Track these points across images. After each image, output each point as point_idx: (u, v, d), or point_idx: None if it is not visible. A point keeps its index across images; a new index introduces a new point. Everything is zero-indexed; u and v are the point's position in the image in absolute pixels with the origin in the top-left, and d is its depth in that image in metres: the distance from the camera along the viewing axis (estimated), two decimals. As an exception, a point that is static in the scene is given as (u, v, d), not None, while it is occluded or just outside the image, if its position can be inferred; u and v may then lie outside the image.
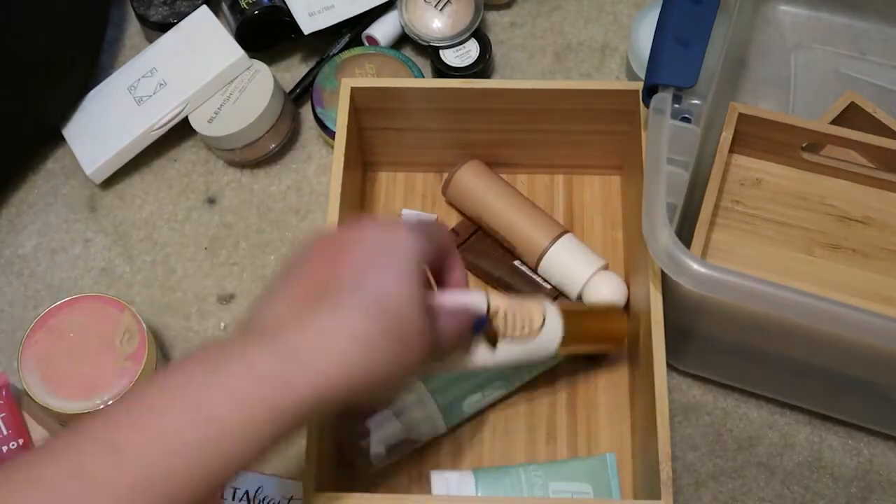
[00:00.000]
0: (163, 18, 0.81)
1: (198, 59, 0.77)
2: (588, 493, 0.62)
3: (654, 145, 0.57)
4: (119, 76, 0.80)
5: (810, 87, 0.77)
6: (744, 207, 0.69)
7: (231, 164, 0.79)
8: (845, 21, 0.80)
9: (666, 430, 0.55)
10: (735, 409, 0.68)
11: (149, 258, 0.75)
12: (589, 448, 0.66)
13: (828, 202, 0.69)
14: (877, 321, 0.50)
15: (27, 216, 0.77)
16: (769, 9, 0.80)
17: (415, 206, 0.75)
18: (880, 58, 0.78)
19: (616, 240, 0.73)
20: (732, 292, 0.52)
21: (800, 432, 0.67)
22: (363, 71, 0.78)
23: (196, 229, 0.76)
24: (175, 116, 0.76)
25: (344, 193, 0.64)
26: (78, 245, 0.76)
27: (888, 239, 0.67)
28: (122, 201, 0.78)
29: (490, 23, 0.85)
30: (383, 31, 0.82)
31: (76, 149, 0.78)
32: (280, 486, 0.64)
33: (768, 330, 0.57)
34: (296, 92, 0.81)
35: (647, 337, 0.58)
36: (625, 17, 0.85)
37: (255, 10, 0.79)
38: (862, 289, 0.66)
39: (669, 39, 0.60)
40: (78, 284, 0.74)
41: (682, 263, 0.52)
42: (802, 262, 0.67)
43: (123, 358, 0.64)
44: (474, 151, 0.73)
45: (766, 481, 0.65)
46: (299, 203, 0.77)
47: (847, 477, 0.65)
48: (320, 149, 0.80)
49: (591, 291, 0.68)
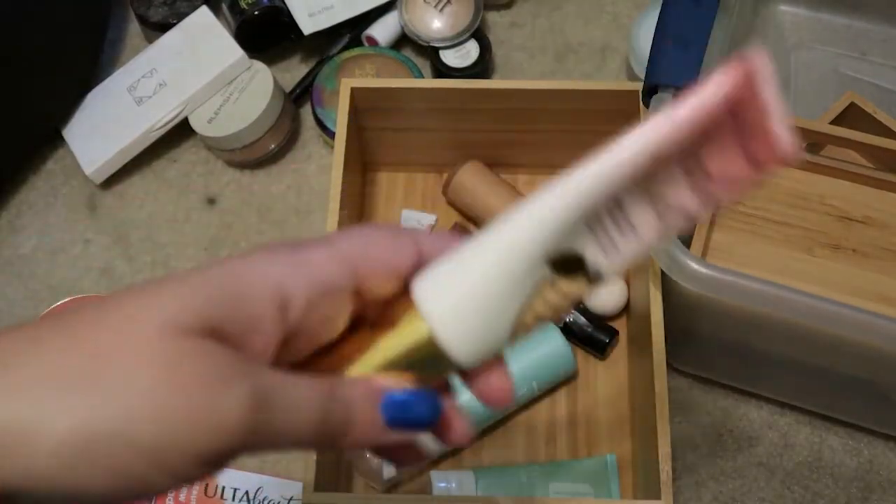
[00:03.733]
0: (163, 19, 0.81)
1: (198, 60, 0.77)
2: (588, 493, 0.62)
3: (654, 145, 0.57)
4: (119, 76, 0.80)
5: (810, 87, 0.77)
6: (744, 207, 0.69)
7: (231, 164, 0.79)
8: (845, 21, 0.79)
9: (666, 430, 0.55)
10: (735, 409, 0.68)
11: (149, 258, 0.75)
12: (589, 448, 0.66)
13: (828, 202, 0.69)
14: (877, 321, 0.50)
15: (27, 216, 0.77)
16: (769, 9, 0.80)
17: (415, 206, 0.75)
18: (880, 58, 0.78)
19: (616, 240, 0.73)
20: (732, 292, 0.52)
21: (800, 432, 0.67)
22: (363, 71, 0.78)
23: (196, 229, 0.76)
24: (175, 117, 0.76)
25: (344, 193, 0.64)
26: (78, 245, 0.76)
27: (888, 239, 0.67)
28: (122, 201, 0.78)
29: (490, 23, 0.85)
30: (383, 31, 0.82)
31: (76, 149, 0.78)
32: (280, 486, 0.64)
33: (768, 330, 0.57)
34: (296, 92, 0.81)
35: (647, 337, 0.58)
36: (625, 18, 0.85)
37: (255, 10, 0.79)
38: (862, 289, 0.66)
39: (669, 39, 0.60)
40: (78, 285, 0.74)
41: (682, 263, 0.52)
42: (802, 262, 0.67)
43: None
44: (474, 151, 0.73)
45: (766, 481, 0.65)
46: (299, 203, 0.77)
47: (847, 477, 0.65)
48: (320, 149, 0.80)
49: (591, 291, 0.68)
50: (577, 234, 0.29)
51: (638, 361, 0.63)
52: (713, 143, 0.27)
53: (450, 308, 0.30)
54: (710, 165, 0.28)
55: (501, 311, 0.30)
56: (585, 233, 0.29)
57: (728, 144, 0.27)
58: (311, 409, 0.28)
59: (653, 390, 0.56)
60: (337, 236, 0.31)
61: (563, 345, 0.65)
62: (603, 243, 0.29)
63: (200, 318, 0.26)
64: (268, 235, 0.76)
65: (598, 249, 0.29)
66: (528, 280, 0.29)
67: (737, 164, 0.27)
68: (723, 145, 0.27)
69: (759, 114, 0.26)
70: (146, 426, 0.25)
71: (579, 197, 0.28)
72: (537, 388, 0.65)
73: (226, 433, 0.26)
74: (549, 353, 0.65)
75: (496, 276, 0.29)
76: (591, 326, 0.67)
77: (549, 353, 0.65)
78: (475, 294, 0.30)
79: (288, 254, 0.29)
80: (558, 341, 0.65)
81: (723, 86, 0.26)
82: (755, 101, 0.26)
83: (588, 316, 0.68)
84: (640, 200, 0.29)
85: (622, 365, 0.68)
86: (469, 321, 0.30)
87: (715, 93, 0.26)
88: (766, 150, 0.27)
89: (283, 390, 0.27)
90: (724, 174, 0.28)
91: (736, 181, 0.28)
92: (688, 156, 0.28)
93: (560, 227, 0.28)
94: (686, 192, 0.28)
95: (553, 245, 0.29)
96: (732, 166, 0.28)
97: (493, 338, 0.31)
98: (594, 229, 0.29)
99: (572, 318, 0.67)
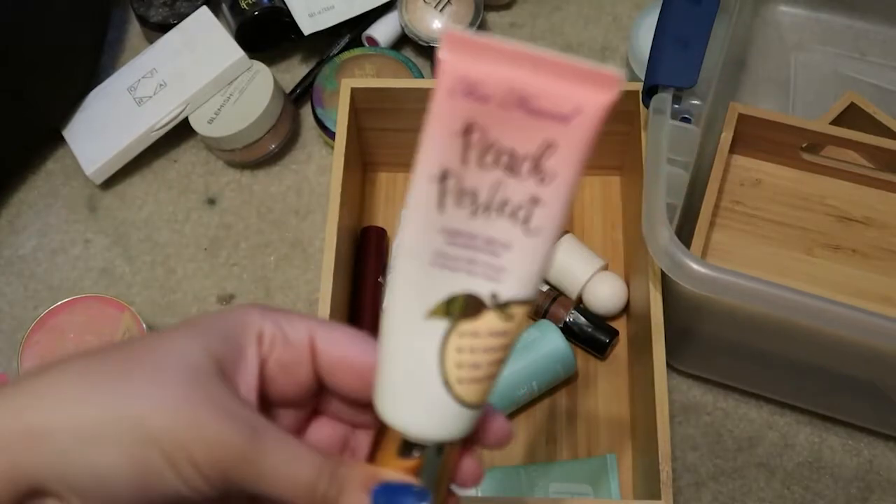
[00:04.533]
0: (163, 19, 0.81)
1: (198, 60, 0.77)
2: (588, 493, 0.62)
3: (654, 146, 0.57)
4: (119, 77, 0.80)
5: (810, 88, 0.77)
6: (744, 208, 0.69)
7: (231, 164, 0.79)
8: (845, 21, 0.80)
9: (666, 430, 0.55)
10: (735, 409, 0.68)
11: (149, 259, 0.75)
12: (589, 449, 0.66)
13: (828, 202, 0.69)
14: (877, 321, 0.50)
15: (27, 216, 0.77)
16: (769, 9, 0.80)
17: (415, 207, 0.75)
18: (880, 58, 0.78)
19: (616, 240, 0.73)
20: (732, 292, 0.52)
21: (800, 432, 0.67)
22: (363, 71, 0.78)
23: (196, 230, 0.76)
24: (175, 117, 0.76)
25: (344, 194, 0.64)
26: (78, 245, 0.76)
27: (888, 239, 0.67)
28: (122, 202, 0.78)
29: (490, 23, 0.85)
30: (383, 31, 0.82)
31: (76, 149, 0.78)
32: None
33: (768, 330, 0.57)
34: (296, 92, 0.81)
35: (647, 337, 0.58)
36: (625, 18, 0.85)
37: (255, 10, 0.79)
38: (862, 289, 0.66)
39: (669, 39, 0.60)
40: (78, 285, 0.74)
41: (682, 263, 0.52)
42: (802, 262, 0.67)
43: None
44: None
45: (766, 481, 0.65)
46: (299, 203, 0.77)
47: (847, 477, 0.65)
48: (320, 149, 0.80)
49: (591, 292, 0.68)
50: (442, 281, 0.29)
51: (638, 361, 0.63)
52: (497, 129, 0.27)
53: (398, 400, 0.31)
54: (517, 147, 0.27)
55: (426, 379, 0.30)
56: (449, 275, 0.29)
57: (520, 122, 0.27)
58: (302, 468, 0.30)
59: (653, 390, 0.56)
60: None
61: (563, 345, 0.65)
62: (480, 273, 0.29)
63: (211, 355, 0.30)
64: (268, 235, 0.76)
65: (480, 280, 0.29)
66: (425, 342, 0.29)
67: (538, 129, 0.27)
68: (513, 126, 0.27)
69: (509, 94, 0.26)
70: (161, 422, 0.28)
71: (403, 254, 0.29)
72: (537, 388, 0.65)
73: (222, 449, 0.29)
74: (549, 353, 0.65)
75: (401, 353, 0.30)
76: (591, 326, 0.67)
77: (549, 353, 0.65)
78: (396, 374, 0.30)
79: (265, 308, 0.34)
80: (558, 341, 0.65)
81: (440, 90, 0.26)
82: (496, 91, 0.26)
83: (588, 316, 0.68)
84: (482, 219, 0.28)
85: (622, 365, 0.68)
86: (411, 400, 0.30)
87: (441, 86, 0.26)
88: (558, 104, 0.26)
89: (276, 440, 0.30)
90: (534, 146, 0.27)
91: (550, 145, 0.27)
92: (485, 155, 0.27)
93: (404, 286, 0.29)
94: (513, 183, 0.28)
95: (417, 301, 0.29)
96: (537, 133, 0.27)
97: (442, 406, 0.30)
98: (456, 268, 0.29)
99: (572, 319, 0.67)
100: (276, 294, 0.73)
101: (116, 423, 0.28)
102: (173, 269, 0.75)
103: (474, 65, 0.26)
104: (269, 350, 0.32)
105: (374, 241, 0.72)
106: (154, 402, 0.29)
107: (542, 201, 0.28)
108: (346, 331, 0.33)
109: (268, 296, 0.73)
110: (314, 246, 0.75)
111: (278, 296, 0.73)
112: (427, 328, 0.29)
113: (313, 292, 0.73)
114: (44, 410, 0.28)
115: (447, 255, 0.29)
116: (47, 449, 0.28)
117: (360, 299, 0.69)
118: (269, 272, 0.74)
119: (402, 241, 0.29)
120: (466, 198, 0.28)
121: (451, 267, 0.29)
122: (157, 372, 0.29)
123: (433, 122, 0.27)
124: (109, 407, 0.28)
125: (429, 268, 0.29)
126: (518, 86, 0.26)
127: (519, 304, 0.29)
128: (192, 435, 0.28)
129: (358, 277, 0.70)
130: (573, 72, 0.26)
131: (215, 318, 0.32)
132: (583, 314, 0.68)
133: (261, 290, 0.73)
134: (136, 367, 0.29)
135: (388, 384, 0.31)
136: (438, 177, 0.27)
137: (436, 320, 0.29)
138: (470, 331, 0.29)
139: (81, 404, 0.29)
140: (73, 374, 0.29)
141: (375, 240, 0.72)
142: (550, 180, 0.27)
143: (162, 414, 0.28)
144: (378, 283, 0.70)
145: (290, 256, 0.75)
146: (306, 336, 0.33)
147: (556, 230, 0.28)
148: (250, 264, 0.75)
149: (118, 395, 0.29)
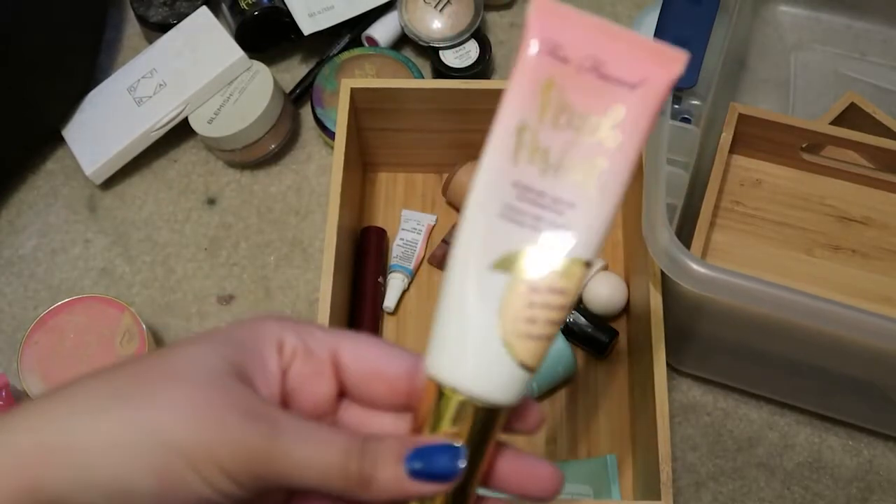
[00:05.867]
0: (162, 19, 0.81)
1: (198, 60, 0.77)
2: (588, 494, 0.62)
3: (654, 145, 0.57)
4: (119, 77, 0.80)
5: (810, 88, 0.77)
6: (744, 208, 0.69)
7: (231, 164, 0.79)
8: (845, 21, 0.80)
9: (666, 430, 0.55)
10: (735, 409, 0.68)
11: (149, 259, 0.75)
12: (589, 449, 0.66)
13: (828, 202, 0.69)
14: (877, 321, 0.50)
15: (27, 216, 0.77)
16: (769, 9, 0.80)
17: (415, 207, 0.75)
18: (880, 58, 0.78)
19: (616, 240, 0.73)
20: (732, 292, 0.52)
21: (800, 433, 0.67)
22: (363, 72, 0.78)
23: (196, 230, 0.76)
24: (175, 117, 0.76)
25: (344, 194, 0.64)
26: (78, 245, 0.76)
27: (888, 239, 0.67)
28: (122, 202, 0.78)
29: (490, 23, 0.85)
30: (383, 31, 0.82)
31: (76, 149, 0.78)
32: None
33: (768, 330, 0.57)
34: (296, 92, 0.81)
35: (647, 337, 0.58)
36: (625, 18, 0.85)
37: (255, 10, 0.79)
38: (862, 289, 0.66)
39: (669, 39, 0.60)
40: (78, 285, 0.74)
41: (682, 264, 0.52)
42: (802, 262, 0.67)
43: (123, 359, 0.64)
44: (474, 151, 0.73)
45: (766, 482, 0.65)
46: (299, 203, 0.77)
47: (847, 477, 0.65)
48: (320, 149, 0.80)
49: (591, 292, 0.68)
50: (508, 234, 0.30)
51: (638, 361, 0.63)
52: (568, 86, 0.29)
53: (457, 361, 0.31)
54: (588, 110, 0.30)
55: (484, 332, 0.30)
56: (516, 229, 0.30)
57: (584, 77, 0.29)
58: (329, 452, 0.30)
59: (653, 390, 0.56)
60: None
61: (563, 345, 0.65)
62: (545, 229, 0.30)
63: (229, 362, 0.30)
64: (268, 235, 0.76)
65: (545, 235, 0.30)
66: (487, 293, 0.30)
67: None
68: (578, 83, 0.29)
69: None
70: (182, 429, 0.28)
71: (476, 203, 0.30)
72: (537, 388, 0.65)
73: (246, 449, 0.29)
74: (549, 353, 0.65)
75: (463, 304, 0.30)
76: (591, 326, 0.67)
77: (549, 353, 0.65)
78: (454, 327, 0.31)
79: (284, 319, 0.33)
80: (558, 342, 0.65)
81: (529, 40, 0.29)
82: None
83: (588, 316, 0.68)
84: (551, 177, 0.30)
85: (622, 365, 0.68)
86: (466, 353, 0.31)
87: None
88: None
89: (298, 430, 0.30)
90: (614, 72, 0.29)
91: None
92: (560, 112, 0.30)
93: (472, 237, 0.30)
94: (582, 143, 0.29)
95: (483, 252, 0.30)
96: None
97: (498, 362, 0.31)
98: (523, 222, 0.30)
99: (572, 319, 0.67)
100: (276, 294, 0.73)
101: (137, 434, 0.28)
102: (173, 269, 0.75)
103: (559, 28, 0.29)
104: (290, 360, 0.32)
105: (374, 241, 0.72)
106: (173, 410, 0.29)
107: (607, 164, 0.30)
108: (372, 341, 0.33)
109: (268, 296, 0.73)
110: (314, 246, 0.75)
111: (278, 296, 0.73)
112: (491, 279, 0.30)
113: (313, 292, 0.73)
114: (64, 426, 0.28)
115: (516, 209, 0.30)
116: (69, 464, 0.28)
117: (360, 299, 0.69)
118: (269, 272, 0.74)
119: (475, 192, 0.30)
120: (538, 155, 0.30)
121: (518, 221, 0.30)
122: (175, 380, 0.29)
123: (518, 77, 0.30)
124: (129, 418, 0.29)
125: (497, 220, 0.30)
126: (595, 52, 0.29)
127: (579, 264, 0.30)
128: (216, 438, 0.28)
129: (358, 277, 0.70)
130: (644, 47, 0.29)
131: (231, 328, 0.32)
132: (583, 314, 0.68)
133: (261, 290, 0.73)
134: (154, 377, 0.30)
135: (444, 338, 0.31)
136: (517, 129, 0.30)
137: (499, 273, 0.30)
138: (531, 286, 0.30)
139: (101, 418, 0.29)
140: (90, 388, 0.29)
141: (375, 240, 0.72)
142: (616, 145, 0.29)
143: (182, 421, 0.29)
144: (378, 283, 0.70)
145: (290, 256, 0.75)
146: (328, 348, 0.33)
147: (619, 194, 0.30)
148: (250, 264, 0.75)
149: (137, 406, 0.29)
